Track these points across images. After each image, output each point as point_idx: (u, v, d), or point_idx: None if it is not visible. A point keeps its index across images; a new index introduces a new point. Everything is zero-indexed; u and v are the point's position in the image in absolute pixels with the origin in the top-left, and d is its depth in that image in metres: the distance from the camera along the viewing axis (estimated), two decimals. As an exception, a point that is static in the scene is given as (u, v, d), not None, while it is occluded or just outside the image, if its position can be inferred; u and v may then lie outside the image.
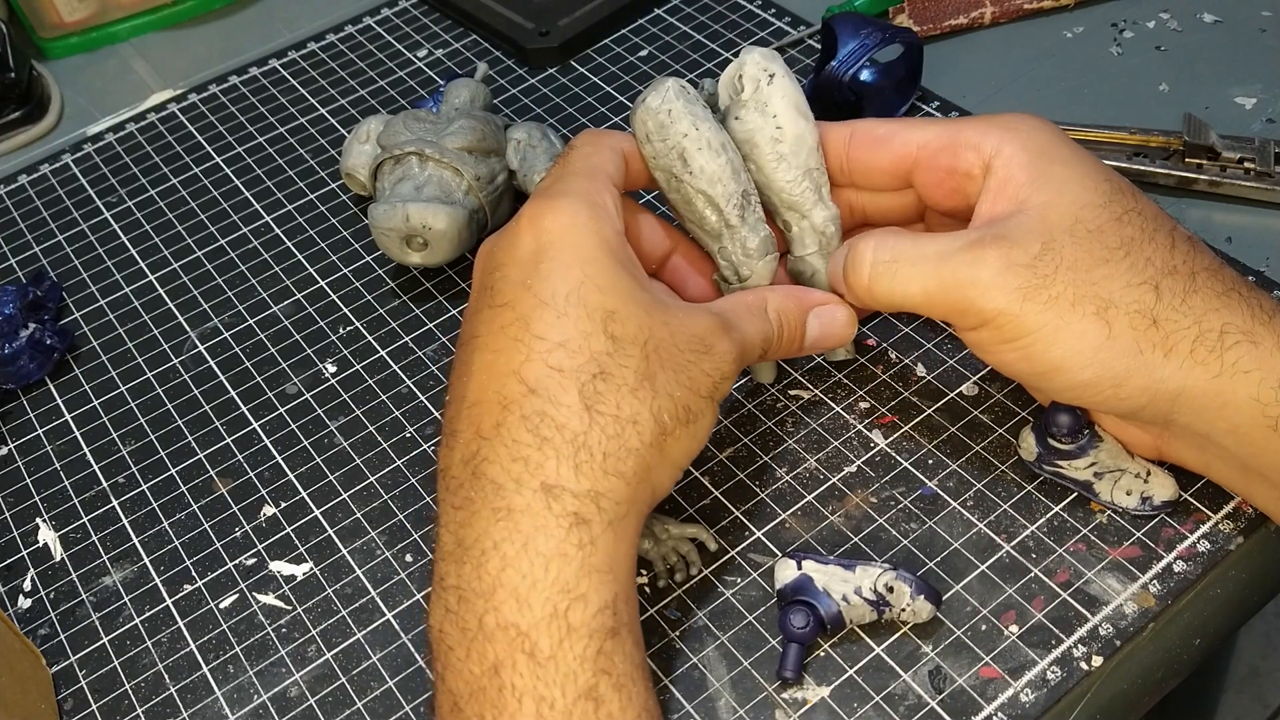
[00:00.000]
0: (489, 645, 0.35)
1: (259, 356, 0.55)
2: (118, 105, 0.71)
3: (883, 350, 0.51)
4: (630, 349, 0.38)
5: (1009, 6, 0.66)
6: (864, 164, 0.46)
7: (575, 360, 0.38)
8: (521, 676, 0.34)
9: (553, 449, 0.37)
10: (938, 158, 0.44)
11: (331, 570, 0.46)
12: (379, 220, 0.53)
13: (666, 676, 0.42)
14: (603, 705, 0.34)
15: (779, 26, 0.68)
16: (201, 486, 0.50)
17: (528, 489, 0.36)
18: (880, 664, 0.41)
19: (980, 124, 0.43)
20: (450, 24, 0.73)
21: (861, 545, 0.44)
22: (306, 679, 0.43)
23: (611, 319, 0.38)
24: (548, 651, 0.34)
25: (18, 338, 0.54)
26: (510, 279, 0.40)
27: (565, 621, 0.35)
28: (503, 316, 0.39)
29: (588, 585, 0.35)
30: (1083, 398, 0.41)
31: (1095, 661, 0.40)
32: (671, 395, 0.38)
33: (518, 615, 0.35)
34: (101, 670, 0.44)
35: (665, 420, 0.38)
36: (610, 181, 0.42)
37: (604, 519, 0.36)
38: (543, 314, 0.38)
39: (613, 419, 0.37)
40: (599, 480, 0.37)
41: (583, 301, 0.38)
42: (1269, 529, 0.43)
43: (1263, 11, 0.64)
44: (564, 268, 0.39)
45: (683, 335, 0.40)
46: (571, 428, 0.37)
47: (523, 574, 0.35)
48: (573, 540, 0.36)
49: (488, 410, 0.38)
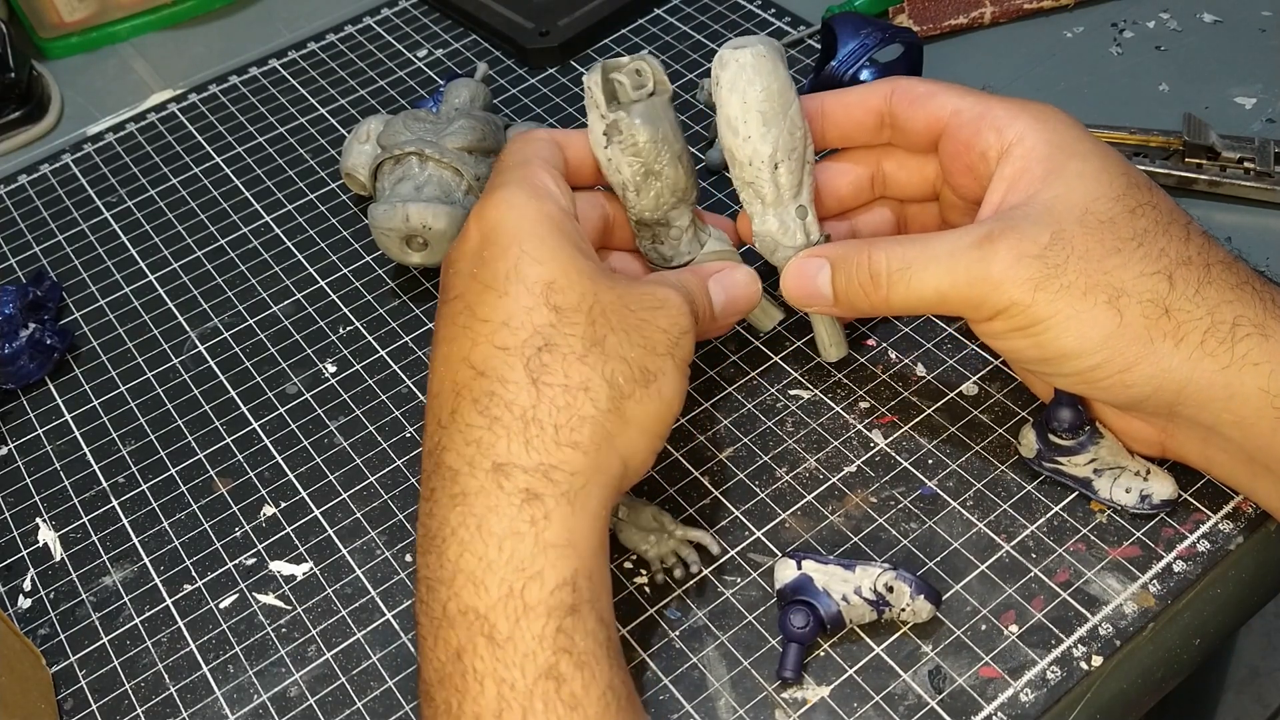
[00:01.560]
0: (452, 631, 0.35)
1: (259, 356, 0.55)
2: (118, 105, 0.71)
3: (883, 350, 0.51)
4: (574, 316, 0.38)
5: (1009, 6, 0.66)
6: (903, 120, 0.46)
7: (518, 336, 0.38)
8: (482, 659, 0.34)
9: (503, 427, 0.37)
10: (962, 129, 0.44)
11: (331, 570, 0.46)
12: (379, 220, 0.53)
13: (666, 676, 0.42)
14: (564, 684, 0.34)
15: (779, 26, 0.68)
16: (201, 486, 0.50)
17: (480, 471, 0.36)
18: (880, 664, 0.41)
19: (1012, 107, 0.43)
20: (450, 24, 0.73)
21: (861, 545, 0.44)
22: (306, 679, 0.43)
23: (552, 290, 0.39)
24: (505, 633, 0.34)
25: (18, 338, 0.54)
26: (460, 273, 0.41)
27: (521, 601, 0.35)
28: (453, 308, 0.40)
29: (543, 562, 0.35)
30: (1089, 383, 0.41)
31: (1095, 661, 0.40)
32: (624, 357, 0.38)
33: (475, 599, 0.35)
34: (101, 670, 0.44)
35: (620, 382, 0.38)
36: (546, 163, 0.43)
37: (557, 491, 0.36)
38: (485, 297, 0.39)
39: (561, 389, 0.37)
40: (551, 453, 0.37)
41: (521, 278, 0.39)
42: (1269, 529, 0.43)
43: (1263, 11, 0.64)
44: (501, 250, 0.40)
45: (632, 296, 0.40)
46: (520, 404, 0.37)
47: (478, 556, 0.35)
48: (524, 517, 0.36)
49: (445, 400, 0.38)
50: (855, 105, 0.47)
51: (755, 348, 0.52)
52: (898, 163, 0.48)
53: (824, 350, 0.49)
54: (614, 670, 0.35)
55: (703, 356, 0.52)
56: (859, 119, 0.47)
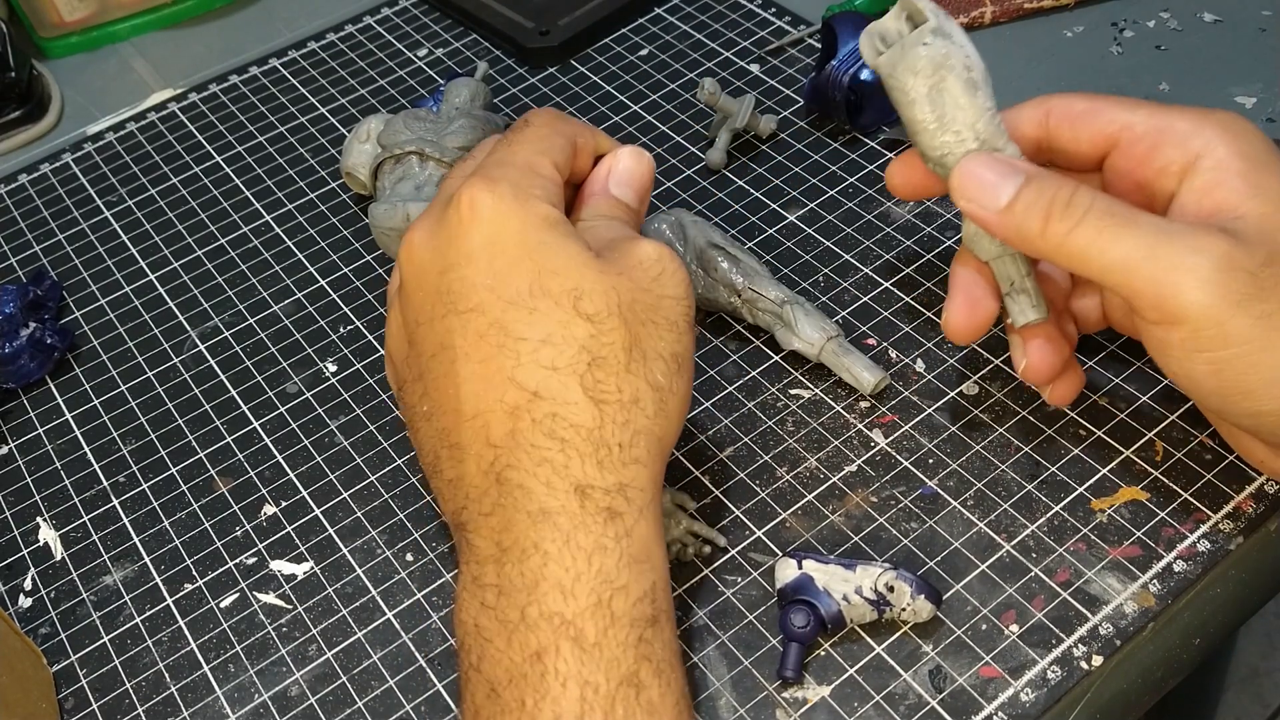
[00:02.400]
0: (531, 634, 0.35)
1: (259, 356, 0.55)
2: (118, 105, 0.71)
3: (883, 349, 0.51)
4: (608, 322, 0.37)
5: (1009, 6, 0.66)
6: (1064, 142, 0.43)
7: (566, 355, 0.37)
8: (566, 661, 0.34)
9: (574, 450, 0.36)
10: (1137, 145, 0.40)
11: (332, 569, 0.46)
12: (379, 219, 0.53)
13: (667, 676, 0.42)
14: (644, 691, 0.35)
15: (779, 26, 0.68)
16: (202, 486, 0.50)
17: (560, 491, 0.36)
18: (880, 663, 0.41)
19: (1193, 117, 0.40)
20: (450, 23, 0.73)
21: (862, 545, 0.44)
22: (307, 678, 0.43)
23: (580, 299, 0.37)
24: (593, 638, 0.35)
25: (18, 337, 0.54)
26: (469, 280, 0.38)
27: (609, 610, 0.35)
28: (475, 323, 0.38)
29: (628, 576, 0.36)
30: (1258, 427, 0.39)
31: (1095, 661, 0.41)
32: (660, 353, 0.38)
33: (562, 605, 0.35)
34: (102, 669, 0.44)
35: (661, 382, 0.38)
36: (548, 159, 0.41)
37: (634, 508, 0.37)
38: (514, 314, 0.37)
39: (617, 405, 0.37)
40: (621, 472, 0.37)
41: (545, 291, 0.37)
42: (1269, 529, 0.43)
43: (1263, 11, 0.64)
44: (513, 261, 0.38)
45: (639, 274, 0.38)
46: (586, 425, 0.37)
47: (565, 568, 0.35)
48: (609, 534, 0.36)
49: (494, 419, 0.37)
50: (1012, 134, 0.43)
51: (755, 347, 0.52)
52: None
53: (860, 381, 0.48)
54: (684, 680, 0.36)
55: (703, 356, 0.52)
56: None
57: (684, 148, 0.62)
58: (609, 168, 0.43)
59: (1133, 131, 0.41)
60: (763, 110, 0.63)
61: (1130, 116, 0.41)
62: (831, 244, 0.55)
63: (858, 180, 0.58)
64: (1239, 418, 0.39)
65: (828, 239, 0.56)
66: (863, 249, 0.55)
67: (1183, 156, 0.39)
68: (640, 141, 0.62)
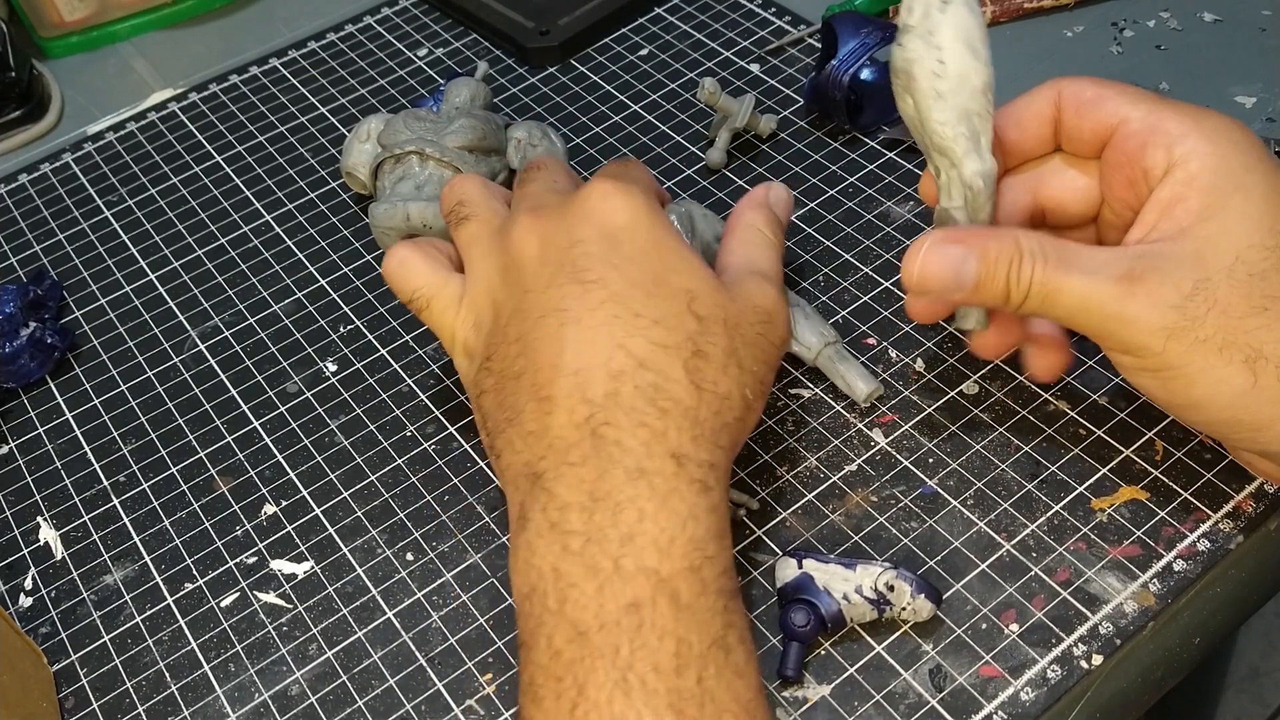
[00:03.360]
0: (627, 585, 0.36)
1: (259, 355, 0.55)
2: (118, 104, 0.71)
3: (883, 349, 0.51)
4: (714, 327, 0.40)
5: (1009, 6, 0.66)
6: (1070, 128, 0.44)
7: (674, 337, 0.39)
8: (663, 616, 0.35)
9: (673, 421, 0.38)
10: (1129, 140, 0.41)
11: (332, 569, 0.46)
12: (379, 219, 0.54)
13: (667, 675, 0.42)
14: (731, 654, 0.36)
15: (779, 25, 0.68)
16: (202, 485, 0.50)
17: (658, 455, 0.38)
18: (880, 663, 0.41)
19: (1184, 120, 0.40)
20: (450, 23, 0.73)
21: (862, 544, 0.44)
22: (307, 677, 0.43)
23: (694, 300, 0.40)
24: (687, 599, 0.36)
25: (18, 336, 0.54)
26: (594, 255, 0.41)
27: (700, 576, 0.36)
28: (595, 294, 0.40)
29: (716, 547, 0.37)
30: (1219, 435, 0.42)
31: (1095, 660, 0.41)
32: (753, 371, 0.41)
33: (659, 563, 0.36)
34: (102, 668, 0.44)
35: (748, 396, 0.40)
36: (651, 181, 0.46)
37: (720, 488, 0.39)
38: (634, 293, 0.40)
39: (713, 395, 0.39)
40: (712, 452, 0.39)
41: (665, 283, 0.40)
42: (1269, 529, 0.43)
43: (1263, 11, 0.64)
44: (641, 251, 0.41)
45: (748, 309, 0.42)
46: (685, 402, 0.39)
47: (661, 527, 0.36)
48: (703, 504, 0.37)
49: (594, 378, 0.39)
50: (1029, 121, 0.44)
51: (756, 347, 0.52)
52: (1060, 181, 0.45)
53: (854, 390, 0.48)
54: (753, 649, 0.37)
55: (703, 356, 0.52)
56: (1035, 133, 0.45)
57: (684, 148, 0.62)
58: (767, 189, 0.48)
59: (1128, 127, 0.42)
60: (763, 110, 0.63)
61: (1130, 110, 0.42)
62: (831, 244, 0.55)
63: (858, 180, 0.58)
64: (1196, 426, 0.42)
65: (828, 239, 0.56)
66: (863, 249, 0.55)
67: (1165, 160, 0.40)
68: (640, 141, 0.62)
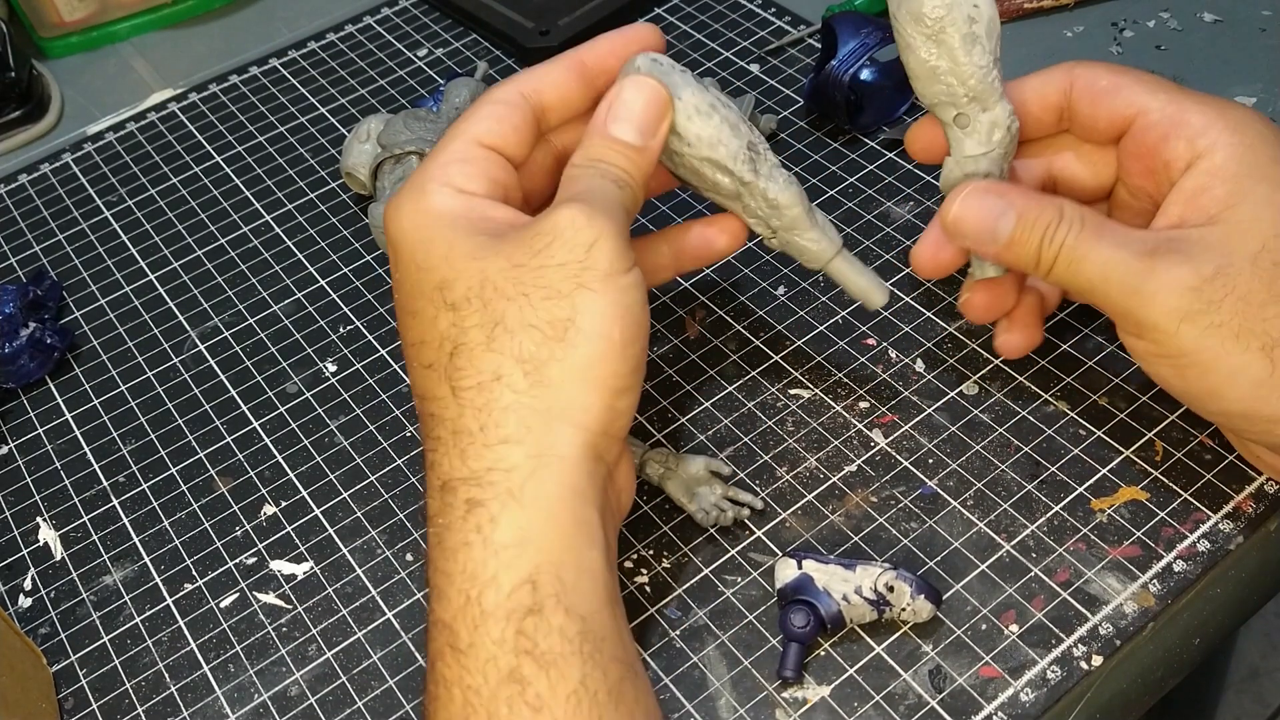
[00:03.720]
0: (430, 644, 0.36)
1: (259, 356, 0.55)
2: (118, 105, 0.71)
3: (883, 349, 0.51)
4: (470, 306, 0.37)
5: (1009, 6, 0.66)
6: (1083, 116, 0.43)
7: (433, 351, 0.38)
8: (449, 667, 0.34)
9: (443, 446, 0.37)
10: (1149, 132, 0.41)
11: (332, 569, 0.46)
12: (379, 220, 0.53)
13: (666, 676, 0.42)
14: (529, 687, 0.33)
15: (779, 25, 0.68)
16: (202, 485, 0.50)
17: (435, 491, 0.37)
18: (880, 663, 0.41)
19: (1208, 111, 0.40)
20: (450, 23, 0.73)
21: (862, 545, 0.44)
22: (307, 678, 0.43)
23: (445, 289, 0.37)
24: (466, 640, 0.34)
25: (18, 337, 0.54)
26: (396, 302, 0.40)
27: (479, 607, 0.34)
28: (404, 346, 0.40)
29: (496, 566, 0.35)
30: (1234, 426, 0.41)
31: (1095, 661, 0.41)
32: (529, 323, 0.36)
33: (441, 610, 0.35)
34: (102, 669, 0.44)
35: (532, 351, 0.36)
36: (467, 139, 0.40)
37: (499, 492, 0.35)
38: (405, 321, 0.39)
39: (475, 389, 0.36)
40: (484, 456, 0.36)
41: (420, 290, 0.38)
42: (1269, 529, 0.43)
43: (1263, 11, 0.64)
44: (402, 269, 0.39)
45: (520, 248, 0.37)
46: (449, 418, 0.37)
47: (441, 570, 0.36)
48: (470, 526, 0.35)
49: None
50: (1034, 102, 0.44)
51: (755, 347, 0.52)
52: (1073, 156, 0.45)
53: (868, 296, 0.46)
54: (588, 665, 0.34)
55: (703, 356, 0.52)
56: (1037, 116, 0.44)
57: (684, 148, 0.62)
58: (610, 102, 0.41)
59: (1147, 118, 0.41)
60: (763, 110, 0.63)
61: (1149, 101, 0.41)
62: (831, 244, 0.55)
63: (858, 180, 0.58)
64: (1212, 417, 0.42)
65: (828, 239, 0.56)
66: (862, 249, 0.55)
67: (1188, 153, 0.40)
68: (640, 141, 0.62)
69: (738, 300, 0.54)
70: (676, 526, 0.46)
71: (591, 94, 0.43)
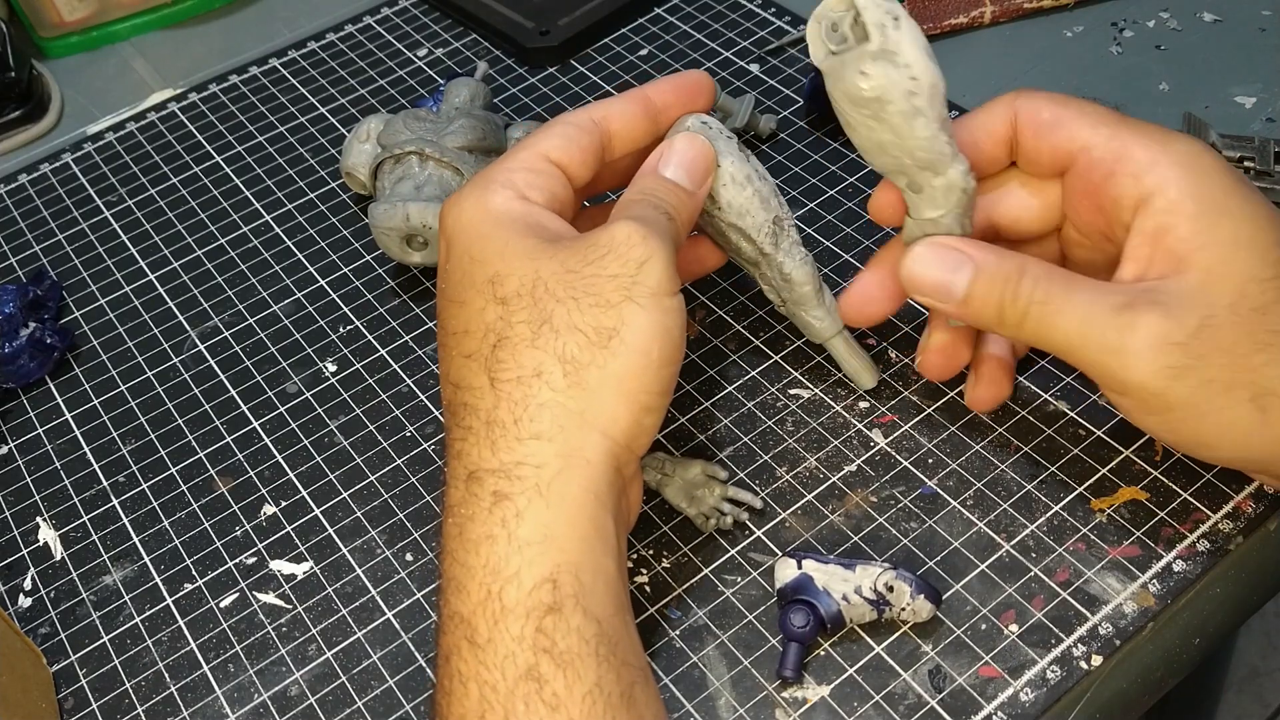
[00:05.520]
0: (444, 637, 0.36)
1: (259, 356, 0.55)
2: (118, 104, 0.71)
3: (883, 349, 0.51)
4: (520, 302, 0.38)
5: (1009, 6, 0.66)
6: (1027, 148, 0.42)
7: (476, 342, 0.38)
8: (465, 662, 0.34)
9: (474, 435, 0.37)
10: (1093, 170, 0.40)
11: (332, 569, 0.46)
12: (379, 219, 0.53)
13: (666, 676, 0.42)
14: (546, 685, 0.33)
15: (779, 26, 0.68)
16: (201, 485, 0.50)
17: (459, 482, 0.37)
18: (880, 663, 0.41)
19: (1151, 147, 0.39)
20: (450, 23, 0.73)
21: (861, 544, 0.44)
22: (307, 678, 0.43)
23: (496, 283, 0.38)
24: (485, 635, 0.34)
25: (18, 337, 0.54)
26: (438, 292, 0.41)
27: (499, 603, 0.34)
28: (438, 333, 0.41)
29: (519, 562, 0.35)
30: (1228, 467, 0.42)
31: (1095, 661, 0.41)
32: (576, 326, 0.37)
33: (459, 604, 0.35)
34: (102, 669, 0.44)
35: (574, 354, 0.37)
36: (536, 151, 0.42)
37: (525, 487, 0.36)
38: (449, 310, 0.40)
39: (515, 382, 0.37)
40: (515, 450, 0.36)
41: (471, 282, 0.39)
42: (1269, 529, 0.43)
43: (1263, 11, 0.64)
44: (455, 260, 0.40)
45: (574, 255, 0.38)
46: (484, 408, 0.37)
47: (461, 563, 0.36)
48: (495, 519, 0.35)
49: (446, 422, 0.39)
50: (984, 141, 0.43)
51: (755, 347, 0.52)
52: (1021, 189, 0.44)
53: (859, 377, 0.49)
54: (603, 668, 0.34)
55: (703, 356, 0.52)
56: (990, 153, 0.43)
57: (684, 148, 0.62)
58: (663, 151, 0.43)
59: (1089, 156, 0.40)
60: (763, 110, 0.63)
61: (1090, 137, 0.40)
62: (831, 244, 0.55)
63: (857, 180, 0.58)
64: (1208, 462, 0.42)
65: (827, 239, 0.56)
66: (863, 249, 0.55)
67: (1136, 191, 0.39)
68: (640, 141, 0.62)
69: (738, 300, 0.54)
70: (676, 526, 0.46)
71: (653, 129, 0.45)
